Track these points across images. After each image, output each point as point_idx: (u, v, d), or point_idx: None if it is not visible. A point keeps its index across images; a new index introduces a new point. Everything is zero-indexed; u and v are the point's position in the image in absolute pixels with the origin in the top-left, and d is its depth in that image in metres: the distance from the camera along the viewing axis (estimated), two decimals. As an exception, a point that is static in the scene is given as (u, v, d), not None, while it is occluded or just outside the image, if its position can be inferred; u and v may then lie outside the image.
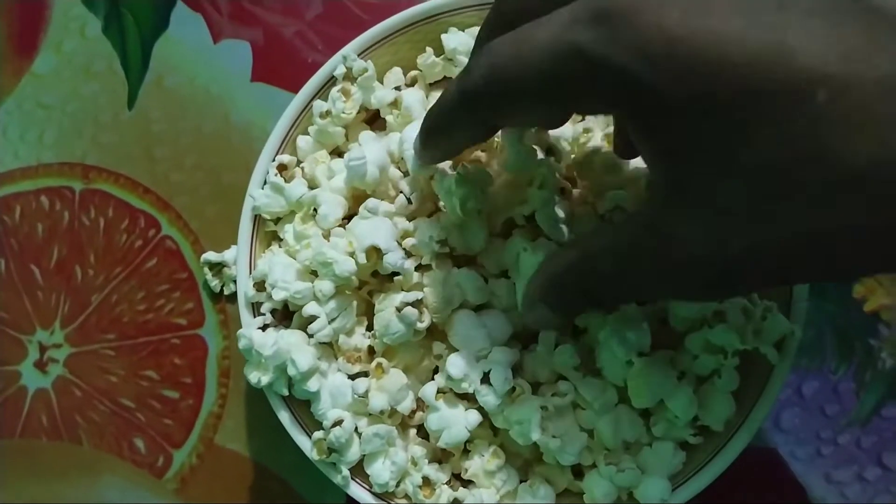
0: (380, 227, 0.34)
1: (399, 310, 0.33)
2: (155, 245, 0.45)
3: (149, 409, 0.44)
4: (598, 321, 0.33)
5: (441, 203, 0.35)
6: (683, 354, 0.34)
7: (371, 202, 0.34)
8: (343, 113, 0.37)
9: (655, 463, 0.34)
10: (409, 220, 0.35)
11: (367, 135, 0.37)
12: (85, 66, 0.48)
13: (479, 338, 0.34)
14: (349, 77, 0.38)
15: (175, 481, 0.44)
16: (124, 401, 0.44)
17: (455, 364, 0.33)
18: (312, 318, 0.34)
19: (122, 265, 0.46)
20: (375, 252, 0.33)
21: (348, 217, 0.37)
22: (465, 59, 0.37)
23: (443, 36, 0.37)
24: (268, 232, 0.38)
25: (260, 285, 0.36)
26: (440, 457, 0.37)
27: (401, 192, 0.36)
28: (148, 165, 0.47)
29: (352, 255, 0.34)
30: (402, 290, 0.34)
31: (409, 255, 0.34)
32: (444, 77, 0.39)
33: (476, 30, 0.37)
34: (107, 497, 0.44)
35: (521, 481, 0.35)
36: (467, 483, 0.36)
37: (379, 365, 0.34)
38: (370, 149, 0.35)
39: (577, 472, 0.35)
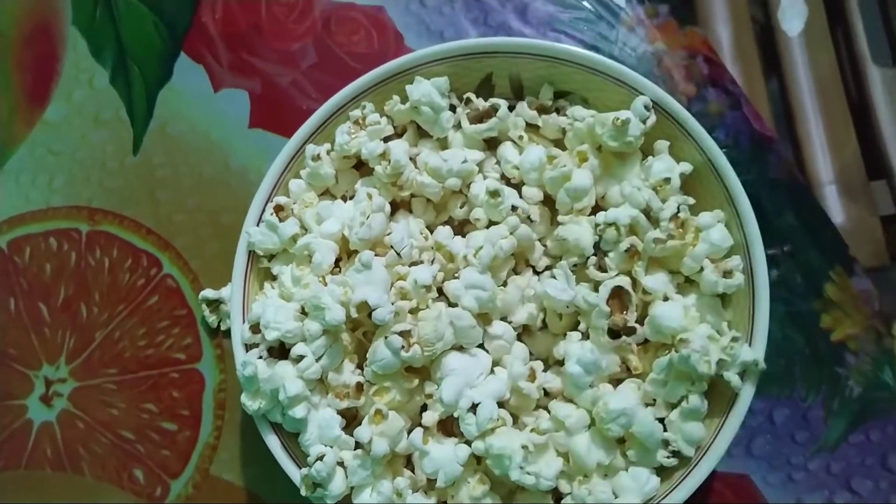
0: (372, 280, 0.36)
1: (386, 337, 0.35)
2: (156, 283, 0.48)
3: (148, 441, 0.46)
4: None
5: None
6: (653, 382, 0.35)
7: (365, 256, 0.36)
8: (345, 146, 0.40)
9: (630, 487, 0.35)
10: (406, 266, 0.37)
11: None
12: (93, 115, 0.51)
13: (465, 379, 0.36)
14: (360, 122, 0.40)
15: (173, 511, 0.45)
16: (125, 433, 0.46)
17: (448, 389, 0.35)
18: (301, 358, 0.36)
19: (125, 303, 0.48)
20: (367, 305, 0.35)
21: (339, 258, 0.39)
22: (428, 110, 0.40)
23: (407, 87, 0.40)
24: (261, 269, 0.40)
25: (255, 328, 0.38)
26: (425, 485, 0.38)
27: (391, 246, 0.38)
28: (151, 207, 0.49)
29: (345, 304, 0.36)
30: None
31: (402, 297, 0.36)
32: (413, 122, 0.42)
33: (444, 79, 0.40)
34: (107, 527, 0.46)
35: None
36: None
37: (379, 411, 0.36)
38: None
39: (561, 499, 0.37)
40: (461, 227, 0.41)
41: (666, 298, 0.37)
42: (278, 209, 0.40)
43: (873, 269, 0.75)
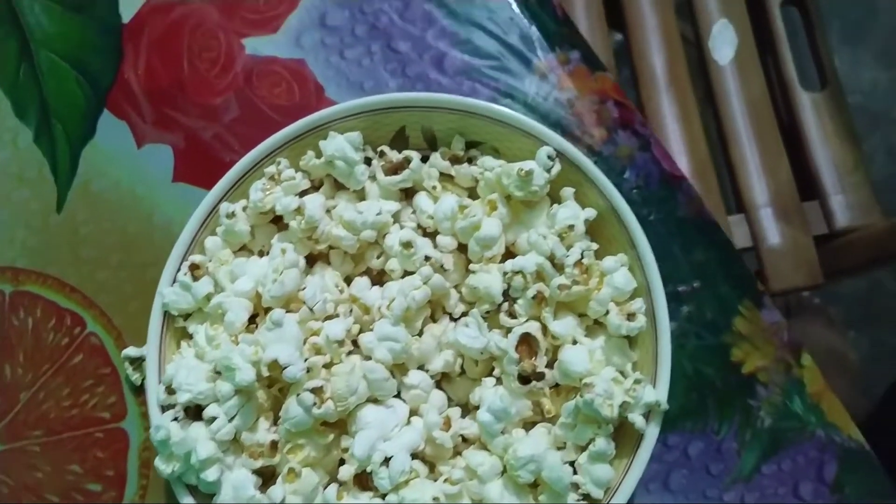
0: (284, 338, 0.36)
1: (298, 394, 0.36)
2: (80, 342, 0.47)
3: (73, 504, 0.46)
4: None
5: None
6: (562, 426, 0.36)
7: (276, 314, 0.37)
8: (259, 203, 0.40)
9: (544, 531, 0.36)
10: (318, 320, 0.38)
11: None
12: (17, 174, 0.51)
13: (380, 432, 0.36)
14: (275, 178, 0.41)
15: (100, 574, 0.45)
16: (50, 496, 0.46)
17: (360, 444, 0.35)
18: (213, 419, 0.36)
19: (49, 363, 0.47)
20: (278, 364, 0.35)
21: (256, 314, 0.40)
22: (342, 164, 0.40)
23: (321, 143, 0.41)
24: (178, 328, 0.41)
25: (171, 389, 0.38)
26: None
27: (304, 302, 0.38)
28: (75, 266, 0.49)
29: (256, 363, 0.36)
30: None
31: (316, 352, 0.37)
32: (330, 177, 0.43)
33: (357, 134, 0.41)
34: None
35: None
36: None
37: (291, 470, 0.36)
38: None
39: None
40: (380, 277, 0.42)
41: (575, 342, 0.38)
42: (194, 268, 0.40)
43: (809, 287, 0.77)
